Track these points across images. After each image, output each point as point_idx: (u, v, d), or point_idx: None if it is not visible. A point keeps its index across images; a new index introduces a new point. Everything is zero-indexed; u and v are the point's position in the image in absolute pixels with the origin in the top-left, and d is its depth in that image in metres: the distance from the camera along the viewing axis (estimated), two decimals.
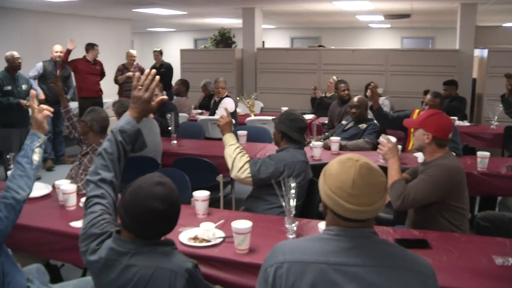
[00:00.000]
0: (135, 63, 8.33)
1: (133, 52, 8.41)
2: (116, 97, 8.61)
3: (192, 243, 2.49)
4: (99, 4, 8.42)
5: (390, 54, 8.85)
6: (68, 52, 7.31)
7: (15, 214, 2.17)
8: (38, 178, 6.31)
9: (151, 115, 4.70)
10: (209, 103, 7.56)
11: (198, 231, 2.58)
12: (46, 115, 2.38)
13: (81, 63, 7.64)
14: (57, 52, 7.22)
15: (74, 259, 2.84)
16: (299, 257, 1.55)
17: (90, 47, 7.71)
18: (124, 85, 8.14)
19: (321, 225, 2.50)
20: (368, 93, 4.67)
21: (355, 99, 5.09)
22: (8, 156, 3.37)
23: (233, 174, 3.15)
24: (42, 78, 7.14)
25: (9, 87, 6.23)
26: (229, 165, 3.17)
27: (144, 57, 13.60)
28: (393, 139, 3.12)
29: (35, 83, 7.05)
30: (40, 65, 7.15)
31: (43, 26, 9.16)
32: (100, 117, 3.67)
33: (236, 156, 3.15)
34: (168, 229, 1.85)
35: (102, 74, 7.97)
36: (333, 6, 9.11)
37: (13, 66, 6.30)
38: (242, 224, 2.40)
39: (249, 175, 3.10)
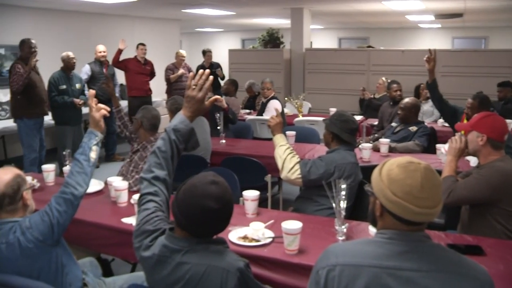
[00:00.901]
0: (183, 62, 8.45)
1: (183, 52, 8.53)
2: (165, 96, 8.79)
3: (241, 242, 2.51)
4: (150, 5, 8.58)
5: (441, 54, 8.57)
6: (120, 52, 7.51)
7: (73, 209, 2.24)
8: None
9: None
10: (253, 104, 7.60)
11: (248, 231, 2.59)
12: (103, 114, 2.44)
13: (132, 63, 7.82)
14: (100, 52, 7.42)
15: (125, 254, 2.92)
16: (352, 260, 1.54)
17: (136, 46, 7.91)
18: (174, 84, 8.27)
19: (372, 227, 2.47)
20: (427, 66, 4.62)
21: (404, 100, 5.02)
22: (64, 153, 3.48)
23: (283, 174, 3.14)
24: (91, 79, 7.35)
25: (64, 86, 6.45)
26: (279, 165, 3.17)
27: (192, 57, 13.75)
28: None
29: (85, 88, 7.21)
30: (87, 67, 7.35)
31: (96, 27, 9.41)
32: (150, 115, 3.74)
33: (287, 157, 3.14)
34: (221, 227, 1.87)
35: (152, 74, 8.11)
36: (383, 6, 8.98)
37: (68, 66, 6.52)
38: (292, 224, 2.40)
39: (299, 176, 3.09)
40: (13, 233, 2.13)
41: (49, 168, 3.68)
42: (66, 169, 3.44)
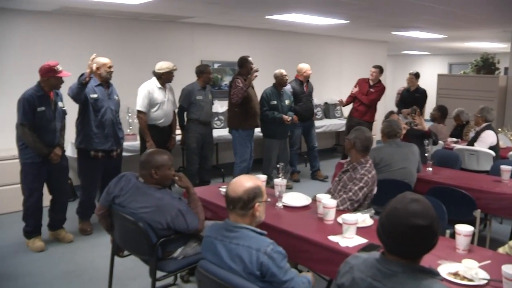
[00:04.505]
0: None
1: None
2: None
3: (452, 278, 2.39)
4: (361, 27, 8.66)
5: None
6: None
7: None
8: (290, 188, 6.81)
9: None
10: (460, 133, 7.19)
11: (459, 267, 2.46)
12: None
13: (360, 83, 7.81)
14: (308, 70, 7.53)
15: (324, 271, 2.98)
16: None
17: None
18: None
19: None
20: None
21: None
22: (278, 166, 3.69)
23: None
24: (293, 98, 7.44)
25: (275, 102, 6.85)
26: None
27: (396, 80, 13.54)
28: None
29: None
30: (289, 87, 7.44)
31: (306, 46, 9.79)
32: (364, 137, 3.76)
33: None
34: (431, 245, 1.79)
35: (373, 100, 7.75)
36: None
37: (281, 82, 6.92)
38: None
39: None
40: (259, 251, 2.30)
41: (263, 179, 3.92)
42: (278, 181, 3.64)
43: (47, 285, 4.07)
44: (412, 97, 8.47)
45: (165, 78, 5.81)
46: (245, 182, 2.45)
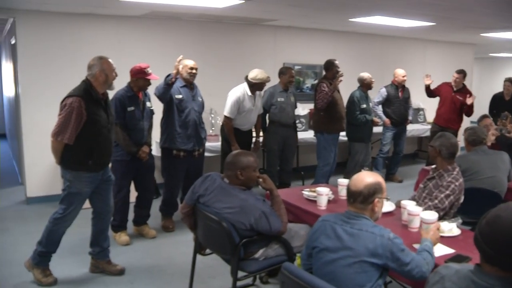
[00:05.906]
0: None
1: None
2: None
3: None
4: (447, 29, 8.36)
5: None
6: (427, 86, 7.60)
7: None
8: None
9: None
10: None
11: None
12: None
13: (444, 88, 7.65)
14: (398, 76, 7.52)
15: (410, 280, 2.91)
16: None
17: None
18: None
19: None
20: None
21: None
22: (362, 170, 3.64)
23: None
24: (385, 102, 7.57)
25: (364, 105, 6.89)
26: None
27: (484, 84, 12.94)
28: None
29: (379, 109, 7.56)
30: (383, 90, 7.57)
31: (389, 49, 9.57)
32: (449, 143, 3.64)
33: None
34: None
35: (464, 105, 7.44)
36: None
37: (368, 85, 6.98)
38: None
39: None
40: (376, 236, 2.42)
41: (344, 183, 3.88)
42: None
43: (132, 277, 4.25)
44: (509, 105, 7.98)
45: (256, 87, 5.85)
46: (367, 177, 2.56)
